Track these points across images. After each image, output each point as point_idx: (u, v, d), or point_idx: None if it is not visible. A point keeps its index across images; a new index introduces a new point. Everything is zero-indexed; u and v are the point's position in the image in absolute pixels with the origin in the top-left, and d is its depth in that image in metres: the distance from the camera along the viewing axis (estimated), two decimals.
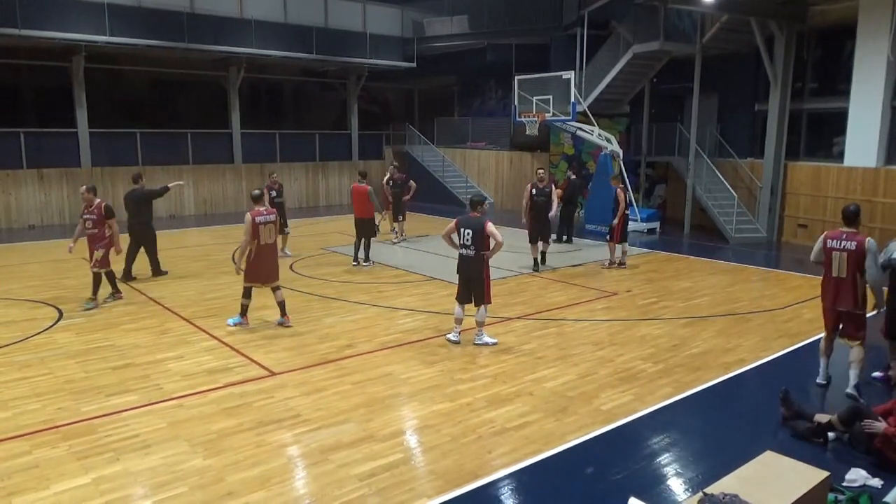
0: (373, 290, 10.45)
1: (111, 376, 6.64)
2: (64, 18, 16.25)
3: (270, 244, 8.23)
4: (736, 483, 3.71)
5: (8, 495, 4.43)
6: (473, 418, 5.73)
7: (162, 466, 4.83)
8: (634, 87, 18.96)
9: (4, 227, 16.98)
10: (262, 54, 19.70)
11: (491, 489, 4.64)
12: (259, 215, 8.05)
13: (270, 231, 8.17)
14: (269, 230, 8.15)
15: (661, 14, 16.26)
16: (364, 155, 24.41)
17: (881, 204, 13.78)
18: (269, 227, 8.14)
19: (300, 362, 7.09)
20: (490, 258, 7.59)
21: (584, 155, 19.63)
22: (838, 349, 6.61)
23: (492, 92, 25.02)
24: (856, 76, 14.04)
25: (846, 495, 4.33)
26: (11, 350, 7.43)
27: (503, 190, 22.37)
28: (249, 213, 8.09)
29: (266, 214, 8.14)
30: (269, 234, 8.16)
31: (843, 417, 5.16)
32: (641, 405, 6.05)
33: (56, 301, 9.54)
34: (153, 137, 19.73)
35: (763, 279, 11.59)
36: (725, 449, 5.24)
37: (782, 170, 15.71)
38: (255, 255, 8.15)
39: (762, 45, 14.97)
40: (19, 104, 19.81)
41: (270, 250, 8.27)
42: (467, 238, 7.51)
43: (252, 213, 8.04)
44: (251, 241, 8.05)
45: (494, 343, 7.75)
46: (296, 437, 5.36)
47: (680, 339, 8.06)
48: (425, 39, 22.77)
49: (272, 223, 8.20)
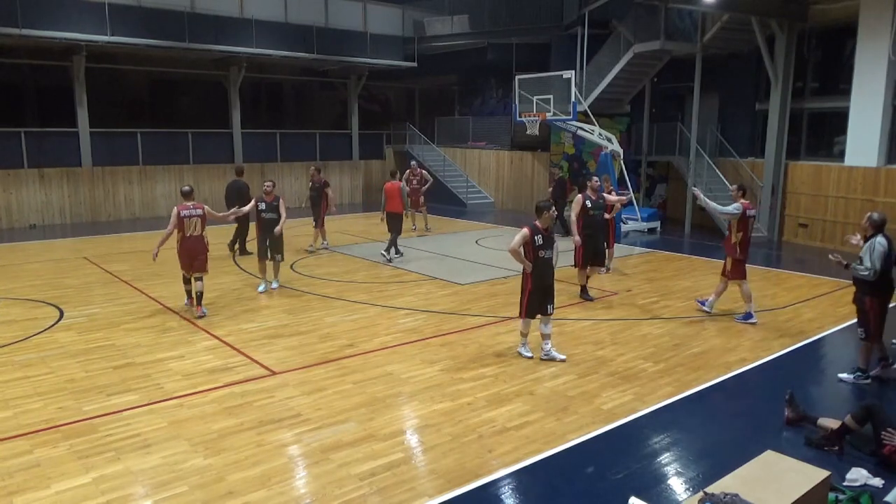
0: (373, 289, 10.45)
1: (112, 376, 6.64)
2: (64, 18, 16.25)
3: (196, 236, 8.84)
4: (737, 482, 3.71)
5: (9, 494, 4.44)
6: (474, 417, 5.73)
7: (162, 466, 4.83)
8: (635, 86, 18.95)
9: (5, 226, 16.98)
10: (263, 54, 19.69)
11: (491, 488, 4.64)
12: (185, 209, 8.73)
13: (195, 224, 8.80)
14: (193, 223, 8.78)
15: (661, 13, 16.25)
16: (365, 155, 24.39)
17: (882, 203, 13.74)
18: (193, 221, 8.78)
19: (301, 362, 7.10)
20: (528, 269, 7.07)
21: (584, 154, 19.61)
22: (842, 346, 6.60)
23: (492, 91, 25.01)
24: (857, 75, 14.03)
25: (847, 495, 4.32)
26: (12, 349, 7.43)
27: (503, 190, 22.36)
28: (176, 206, 8.77)
29: (192, 209, 8.77)
30: (193, 227, 8.79)
31: (858, 417, 5.06)
32: (642, 405, 6.05)
33: (57, 300, 9.55)
34: (154, 137, 19.72)
35: (764, 278, 11.58)
36: (726, 448, 5.24)
37: (783, 169, 15.70)
38: (181, 245, 8.83)
39: (763, 44, 14.96)
40: (20, 104, 19.81)
41: (195, 241, 8.85)
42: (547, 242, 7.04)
43: (179, 207, 8.75)
44: (172, 230, 8.75)
45: (563, 359, 7.15)
46: (296, 436, 5.36)
47: (681, 338, 8.06)
48: (426, 39, 22.75)
49: (197, 217, 8.80)
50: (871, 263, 6.32)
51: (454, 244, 14.72)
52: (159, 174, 19.45)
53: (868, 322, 6.55)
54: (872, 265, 6.31)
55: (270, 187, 10.24)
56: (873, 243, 6.36)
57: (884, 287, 6.48)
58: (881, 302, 6.52)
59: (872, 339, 6.58)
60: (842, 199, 14.53)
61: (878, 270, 6.30)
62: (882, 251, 6.29)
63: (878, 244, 6.33)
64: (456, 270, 11.86)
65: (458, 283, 10.86)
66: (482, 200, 22.51)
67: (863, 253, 6.43)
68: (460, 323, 8.63)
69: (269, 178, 12.85)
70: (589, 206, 9.78)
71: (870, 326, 6.54)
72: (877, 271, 6.30)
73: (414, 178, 16.23)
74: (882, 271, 6.35)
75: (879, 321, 6.55)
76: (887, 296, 6.54)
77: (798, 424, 5.52)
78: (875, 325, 6.54)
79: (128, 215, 18.85)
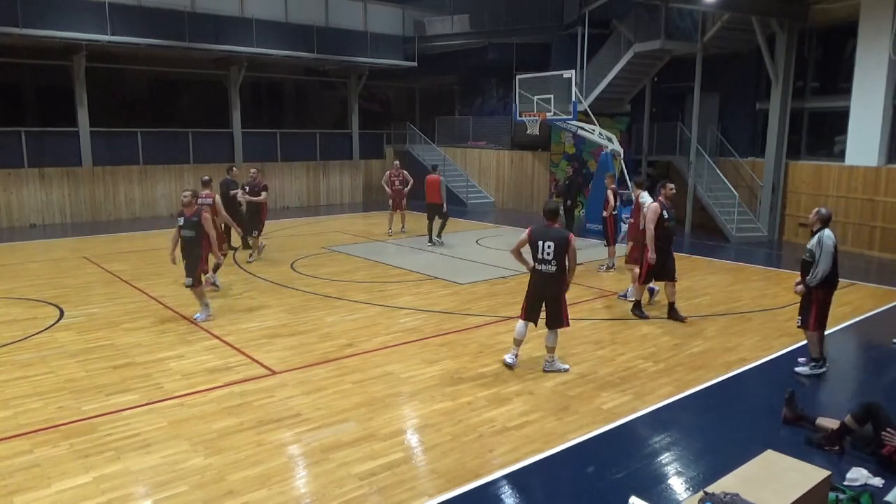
0: (373, 289, 10.45)
1: (112, 375, 6.64)
2: (65, 17, 16.25)
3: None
4: (737, 482, 3.70)
5: (9, 494, 4.43)
6: (474, 417, 5.73)
7: (162, 465, 4.83)
8: (635, 86, 18.95)
9: (6, 225, 16.98)
10: (263, 53, 19.69)
11: (491, 488, 4.64)
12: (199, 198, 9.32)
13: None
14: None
15: (662, 13, 16.26)
16: (365, 154, 24.40)
17: (882, 203, 13.76)
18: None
19: (301, 361, 7.09)
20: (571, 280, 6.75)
21: (585, 154, 19.62)
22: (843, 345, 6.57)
23: (493, 91, 25.01)
24: (857, 75, 14.02)
25: (847, 494, 4.32)
26: (12, 349, 7.43)
27: (504, 189, 22.38)
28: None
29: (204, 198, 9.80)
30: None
31: (858, 416, 5.06)
32: (642, 404, 6.05)
33: (57, 300, 9.55)
34: (154, 136, 19.73)
35: (764, 278, 11.58)
36: (726, 448, 5.23)
37: (783, 169, 15.70)
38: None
39: (763, 43, 14.96)
40: (20, 103, 19.82)
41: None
42: (549, 252, 6.54)
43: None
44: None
45: (566, 369, 6.87)
46: (296, 436, 5.36)
47: (681, 338, 8.05)
48: (426, 38, 22.75)
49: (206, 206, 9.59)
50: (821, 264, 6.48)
51: (454, 244, 14.71)
52: (159, 174, 19.45)
53: (808, 310, 6.70)
54: (823, 265, 6.47)
55: (189, 197, 8.47)
56: (821, 237, 6.52)
57: (829, 279, 6.62)
58: (825, 293, 6.67)
59: (811, 328, 6.73)
60: (842, 198, 14.52)
61: (827, 269, 6.49)
62: (830, 246, 6.47)
63: (827, 238, 6.50)
64: (456, 270, 11.86)
65: (459, 283, 10.86)
66: (482, 200, 22.52)
67: (812, 246, 6.60)
68: (460, 322, 8.63)
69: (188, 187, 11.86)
70: (666, 217, 8.50)
71: (808, 315, 6.70)
72: (825, 271, 6.49)
73: (396, 179, 15.83)
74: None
75: (822, 312, 6.70)
76: (832, 288, 6.71)
77: (795, 424, 5.52)
78: (816, 314, 6.68)
79: (128, 215, 18.86)
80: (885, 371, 7.38)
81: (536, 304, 6.83)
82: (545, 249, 6.55)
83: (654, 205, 8.59)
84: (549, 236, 6.57)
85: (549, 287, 6.66)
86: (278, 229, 16.70)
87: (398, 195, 15.79)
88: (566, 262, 6.56)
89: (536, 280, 6.72)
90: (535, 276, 6.73)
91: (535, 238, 6.61)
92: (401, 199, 15.85)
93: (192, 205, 8.45)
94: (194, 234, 8.42)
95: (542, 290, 6.72)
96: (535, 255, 6.65)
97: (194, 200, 8.55)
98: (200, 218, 8.43)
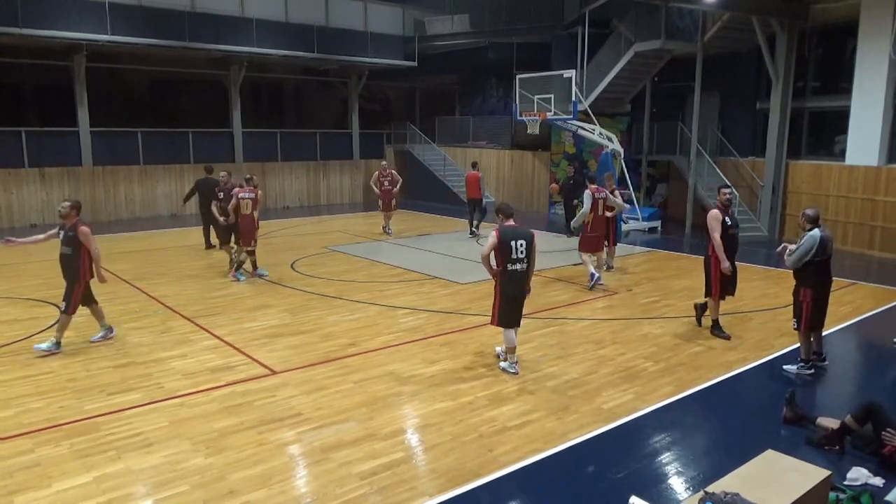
0: (374, 288, 10.46)
1: (113, 375, 6.65)
2: (65, 17, 16.24)
3: (246, 214, 10.67)
4: (737, 482, 3.71)
5: (10, 493, 4.44)
6: (474, 417, 5.73)
7: (163, 465, 4.84)
8: (636, 85, 18.93)
9: (6, 225, 16.98)
10: (263, 53, 19.69)
11: (492, 488, 4.64)
12: (242, 192, 10.76)
13: (247, 204, 10.67)
14: (246, 204, 10.66)
15: (662, 13, 16.24)
16: (365, 154, 24.39)
17: (882, 202, 13.76)
18: (246, 202, 10.66)
19: (302, 361, 7.10)
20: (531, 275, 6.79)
21: (585, 154, 19.61)
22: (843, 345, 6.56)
23: (493, 91, 25.00)
24: (857, 74, 14.01)
25: (847, 494, 4.32)
26: (14, 348, 7.44)
27: (504, 189, 22.35)
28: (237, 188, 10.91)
29: (248, 192, 10.72)
30: (245, 207, 10.67)
31: (858, 416, 5.07)
32: (643, 404, 6.05)
33: (57, 300, 9.50)
34: (154, 136, 19.73)
35: (764, 278, 11.58)
36: (727, 447, 5.24)
37: (784, 168, 15.69)
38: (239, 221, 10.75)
39: (764, 43, 14.95)
40: (21, 103, 19.83)
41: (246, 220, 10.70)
42: (521, 250, 6.57)
43: (237, 189, 10.84)
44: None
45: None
46: (297, 435, 5.36)
47: (681, 337, 8.06)
48: (426, 38, 22.74)
49: (250, 199, 10.68)
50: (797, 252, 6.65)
51: (454, 243, 14.71)
52: (160, 174, 19.45)
53: (801, 313, 6.78)
54: (798, 253, 6.63)
55: (67, 209, 7.20)
56: (804, 235, 6.67)
57: (819, 280, 6.72)
58: (815, 294, 6.73)
59: (806, 330, 6.80)
60: (842, 198, 14.51)
61: (799, 258, 6.61)
62: (809, 241, 6.56)
63: (809, 237, 6.61)
64: (457, 270, 11.86)
65: (459, 283, 10.86)
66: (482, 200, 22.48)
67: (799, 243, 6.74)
68: (461, 322, 8.63)
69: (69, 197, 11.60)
70: (729, 224, 7.91)
71: (802, 317, 6.77)
72: (798, 258, 6.62)
73: (384, 179, 15.70)
74: (816, 263, 6.62)
75: (813, 313, 6.76)
76: (822, 290, 6.77)
77: (795, 424, 5.53)
78: (808, 316, 6.74)
79: (128, 215, 18.86)
80: (885, 371, 7.38)
81: (518, 305, 6.80)
82: (518, 248, 6.56)
83: (714, 212, 8.00)
84: (520, 235, 6.61)
85: (523, 285, 6.72)
86: (279, 229, 16.70)
87: (387, 195, 15.71)
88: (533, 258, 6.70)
89: (512, 280, 6.65)
90: (508, 276, 6.64)
91: (507, 238, 6.57)
92: (390, 199, 15.75)
93: (70, 216, 7.19)
94: (71, 250, 7.20)
95: (517, 290, 6.72)
96: (508, 256, 6.58)
97: (73, 212, 7.19)
98: (77, 232, 7.15)
